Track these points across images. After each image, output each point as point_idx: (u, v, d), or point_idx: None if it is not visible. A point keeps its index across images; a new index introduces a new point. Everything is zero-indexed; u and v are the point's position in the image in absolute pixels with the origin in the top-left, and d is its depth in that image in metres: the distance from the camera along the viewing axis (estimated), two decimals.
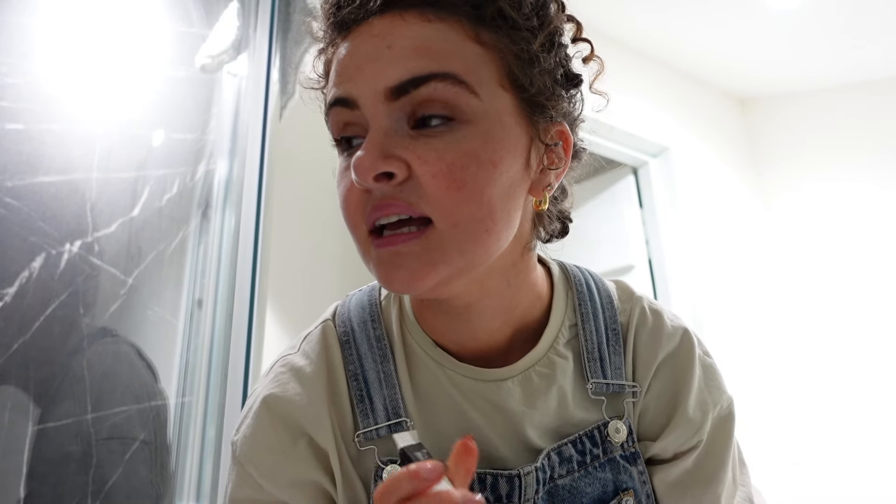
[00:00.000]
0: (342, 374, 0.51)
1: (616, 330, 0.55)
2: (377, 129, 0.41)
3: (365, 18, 0.43)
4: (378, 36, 0.42)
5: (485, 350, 0.51)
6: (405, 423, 0.48)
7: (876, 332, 2.27)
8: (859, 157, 2.46)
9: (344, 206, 0.44)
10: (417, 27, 0.42)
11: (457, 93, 0.41)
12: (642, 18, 2.18)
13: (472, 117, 0.41)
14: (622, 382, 0.53)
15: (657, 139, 2.33)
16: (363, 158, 0.39)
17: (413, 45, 0.41)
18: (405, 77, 0.40)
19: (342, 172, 0.44)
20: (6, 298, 0.77)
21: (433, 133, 0.41)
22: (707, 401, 0.54)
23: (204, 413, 1.07)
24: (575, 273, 0.58)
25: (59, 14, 0.96)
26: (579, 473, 0.50)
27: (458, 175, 0.40)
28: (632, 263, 2.24)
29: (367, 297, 0.55)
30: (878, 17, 2.10)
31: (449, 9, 0.42)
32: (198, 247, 1.14)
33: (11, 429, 0.76)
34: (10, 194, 0.80)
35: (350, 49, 0.43)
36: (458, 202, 0.40)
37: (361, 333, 0.52)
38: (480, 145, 0.41)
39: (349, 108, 0.43)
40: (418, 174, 0.40)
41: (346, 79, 0.43)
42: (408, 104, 0.41)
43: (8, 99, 0.84)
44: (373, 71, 0.41)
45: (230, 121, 1.27)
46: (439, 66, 0.40)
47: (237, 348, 1.11)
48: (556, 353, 0.52)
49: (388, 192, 0.41)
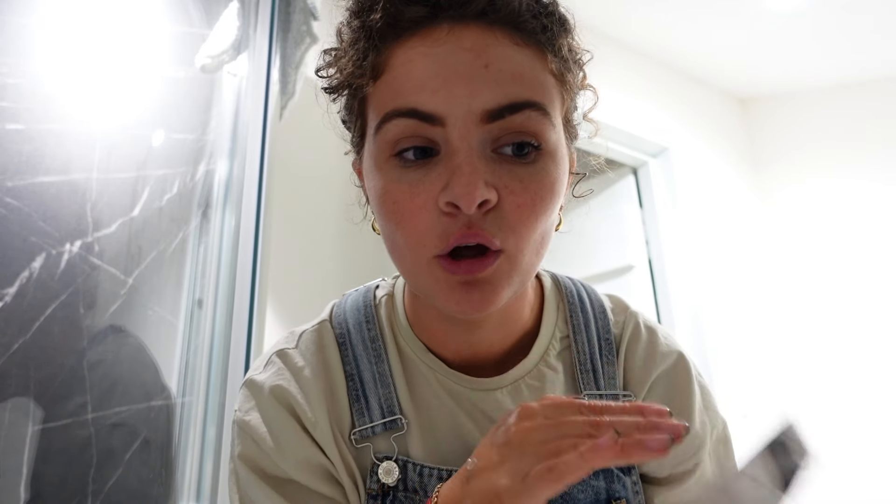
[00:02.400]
0: (339, 374, 0.52)
1: (609, 340, 0.55)
2: (471, 152, 0.40)
3: (441, 22, 0.41)
4: (471, 51, 0.40)
5: (479, 359, 0.52)
6: (399, 421, 0.49)
7: (877, 331, 2.27)
8: (859, 156, 2.46)
9: (411, 225, 0.41)
10: (510, 50, 0.41)
11: (544, 123, 0.41)
12: (642, 18, 2.17)
13: (551, 149, 0.42)
14: (616, 392, 0.53)
15: (657, 139, 2.33)
16: (473, 186, 0.38)
17: (510, 69, 0.40)
18: (503, 102, 0.40)
19: (409, 188, 0.41)
20: (6, 298, 0.77)
21: (517, 162, 0.41)
22: (706, 422, 0.54)
23: (204, 413, 1.07)
24: (567, 284, 0.58)
25: (59, 14, 0.96)
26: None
27: (537, 206, 0.41)
28: (632, 263, 2.24)
29: (363, 298, 0.56)
30: (877, 17, 2.10)
31: (532, 36, 0.42)
32: (198, 247, 1.14)
33: (11, 429, 0.76)
34: (10, 194, 0.80)
35: (433, 59, 0.40)
36: (531, 231, 0.42)
37: (357, 334, 0.53)
38: (554, 177, 0.42)
39: (428, 123, 0.40)
40: (504, 203, 0.40)
41: (429, 91, 0.40)
42: (496, 129, 0.40)
43: (8, 99, 0.83)
44: (467, 89, 0.39)
45: (230, 121, 1.27)
46: (532, 95, 0.41)
47: (237, 348, 1.11)
48: (546, 365, 0.52)
49: (475, 218, 0.40)
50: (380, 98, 0.43)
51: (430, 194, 0.40)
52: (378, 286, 0.58)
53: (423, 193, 0.41)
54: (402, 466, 0.48)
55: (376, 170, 0.43)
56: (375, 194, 0.44)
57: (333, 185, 1.67)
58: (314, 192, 1.61)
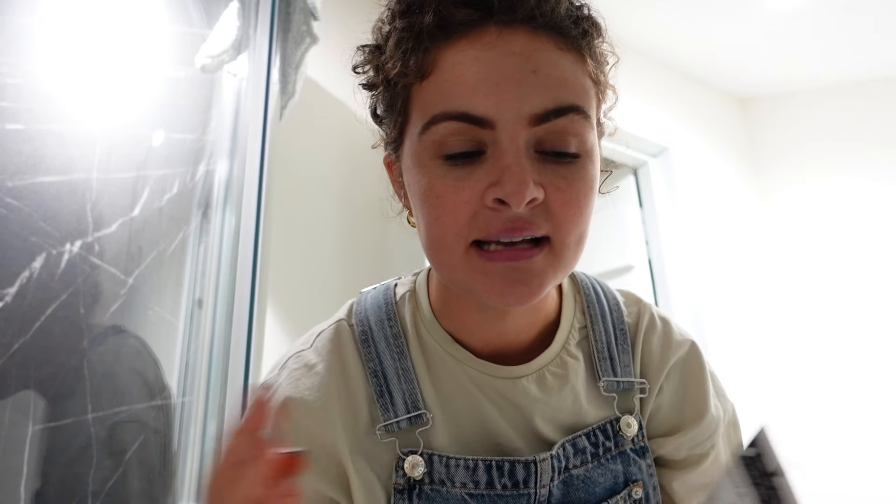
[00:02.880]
0: (358, 371, 0.53)
1: (623, 330, 0.58)
2: (519, 153, 0.41)
3: (489, 26, 0.42)
4: (520, 55, 0.41)
5: (506, 348, 0.53)
6: (424, 416, 0.50)
7: (877, 331, 2.27)
8: (859, 156, 2.46)
9: (452, 217, 0.43)
10: (556, 55, 0.42)
11: (585, 126, 0.43)
12: (642, 18, 2.18)
13: (589, 149, 0.44)
14: (631, 380, 0.56)
15: (657, 139, 2.33)
16: (524, 185, 0.40)
17: (557, 74, 0.42)
18: (550, 107, 0.41)
19: (454, 183, 0.42)
20: (6, 298, 0.77)
21: (560, 161, 0.43)
22: (718, 406, 0.58)
23: (204, 413, 1.07)
24: (581, 277, 0.60)
25: (59, 14, 0.96)
26: (593, 464, 0.52)
27: (581, 202, 0.43)
28: (632, 263, 2.24)
29: (383, 296, 0.57)
30: (877, 17, 2.10)
31: (574, 41, 0.44)
32: (198, 247, 1.14)
33: (11, 429, 0.76)
34: (10, 194, 0.80)
35: (484, 62, 0.41)
36: (576, 226, 0.44)
37: (379, 331, 0.54)
38: (593, 175, 0.45)
39: (478, 126, 0.41)
40: (550, 200, 0.42)
41: (481, 95, 0.41)
42: (542, 131, 0.42)
43: (8, 99, 0.83)
44: (516, 93, 0.41)
45: (230, 121, 1.27)
46: (575, 99, 0.42)
47: (237, 348, 1.11)
48: (567, 353, 0.55)
49: (522, 213, 0.42)
50: (427, 98, 0.44)
51: (475, 190, 0.42)
52: (397, 284, 0.60)
53: (468, 189, 0.42)
54: (428, 459, 0.49)
55: (419, 167, 0.44)
56: (418, 189, 0.45)
57: (333, 185, 1.67)
58: (314, 192, 1.62)
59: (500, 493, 0.49)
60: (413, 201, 0.47)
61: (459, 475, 0.49)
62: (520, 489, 0.49)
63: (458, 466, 0.49)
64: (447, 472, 0.49)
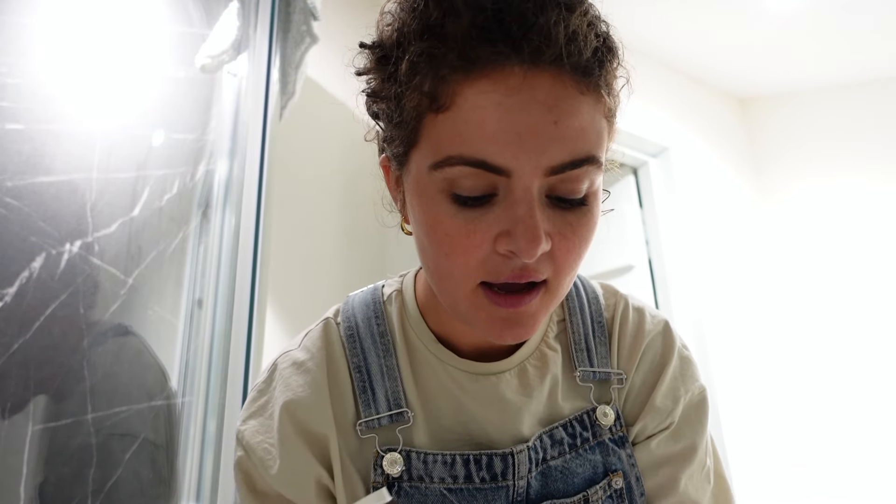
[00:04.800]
0: (344, 367, 0.54)
1: (602, 323, 0.59)
2: (532, 203, 0.41)
3: (514, 65, 0.40)
4: (543, 104, 0.40)
5: (491, 346, 0.54)
6: (406, 414, 0.51)
7: (878, 332, 2.27)
8: (860, 156, 2.46)
9: (463, 260, 0.43)
10: (577, 101, 0.41)
11: (596, 173, 0.43)
12: (642, 18, 2.18)
13: (597, 189, 0.45)
14: (608, 370, 0.57)
15: (657, 139, 2.33)
16: (536, 242, 0.40)
17: (576, 125, 0.41)
18: (567, 160, 0.41)
19: (465, 224, 0.42)
20: (6, 298, 0.77)
21: (568, 207, 0.43)
22: (679, 388, 0.58)
23: (204, 413, 1.07)
24: None
25: (59, 14, 0.96)
26: (570, 455, 0.53)
27: (583, 249, 0.45)
28: (631, 263, 2.24)
29: (371, 296, 0.58)
30: (877, 17, 2.10)
31: (595, 80, 0.42)
32: (198, 247, 1.14)
33: (11, 429, 0.76)
34: (10, 194, 0.80)
35: (506, 110, 0.40)
36: (575, 268, 0.45)
37: (366, 329, 0.55)
38: (597, 214, 0.46)
39: (493, 173, 0.40)
40: (555, 248, 0.43)
41: (500, 144, 0.40)
42: (555, 179, 0.42)
43: (8, 99, 0.83)
44: (535, 145, 0.40)
45: (230, 121, 1.27)
46: (591, 150, 0.42)
47: (237, 348, 1.11)
48: (546, 345, 0.56)
49: (529, 262, 0.42)
50: (442, 134, 0.42)
51: (486, 235, 0.42)
52: (384, 285, 0.61)
53: (479, 233, 0.42)
54: (406, 457, 0.50)
55: (427, 198, 0.44)
56: (424, 221, 0.44)
57: (333, 186, 1.67)
58: (314, 192, 1.62)
59: (478, 487, 0.50)
60: (417, 226, 0.46)
61: (438, 470, 0.50)
62: (498, 482, 0.50)
63: (436, 462, 0.50)
64: (425, 469, 0.50)
